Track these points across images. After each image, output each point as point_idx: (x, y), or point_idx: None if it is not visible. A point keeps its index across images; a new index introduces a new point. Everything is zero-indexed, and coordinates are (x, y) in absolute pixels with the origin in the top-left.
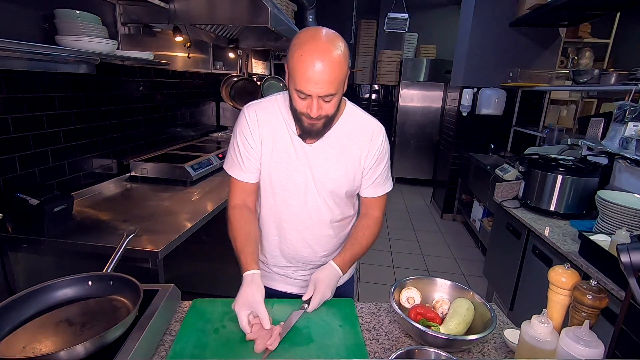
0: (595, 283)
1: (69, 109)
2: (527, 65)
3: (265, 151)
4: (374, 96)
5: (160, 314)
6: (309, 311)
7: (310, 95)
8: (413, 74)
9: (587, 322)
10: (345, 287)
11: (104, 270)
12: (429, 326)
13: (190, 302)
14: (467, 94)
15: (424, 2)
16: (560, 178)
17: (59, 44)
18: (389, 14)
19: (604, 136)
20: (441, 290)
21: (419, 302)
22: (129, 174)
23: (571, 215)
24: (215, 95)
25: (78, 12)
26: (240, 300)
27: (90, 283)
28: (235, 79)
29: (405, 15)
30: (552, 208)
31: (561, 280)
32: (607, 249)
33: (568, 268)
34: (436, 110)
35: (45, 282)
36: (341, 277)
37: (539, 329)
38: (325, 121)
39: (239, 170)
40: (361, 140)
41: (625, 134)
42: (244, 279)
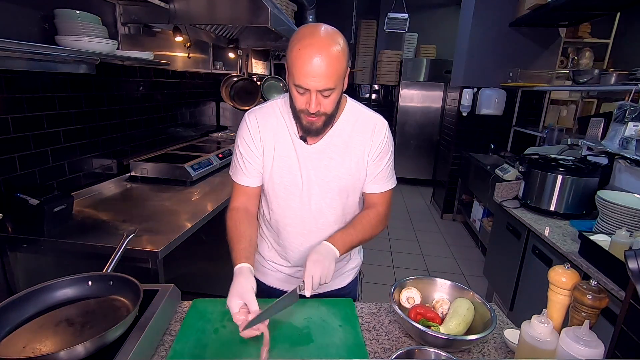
0: (595, 283)
1: (69, 109)
2: (527, 65)
3: (267, 155)
4: (374, 96)
5: (160, 314)
6: (307, 293)
7: (308, 90)
8: (413, 74)
9: (587, 322)
10: (349, 289)
11: (104, 270)
12: (429, 326)
13: (190, 302)
14: (467, 94)
15: (424, 2)
16: (560, 178)
17: (59, 44)
18: (389, 14)
19: (604, 136)
20: (441, 290)
21: (419, 302)
22: (129, 174)
23: (571, 215)
24: (215, 95)
25: (78, 12)
26: (230, 293)
27: (90, 283)
28: (235, 79)
29: (405, 15)
30: (552, 208)
31: (561, 280)
32: (607, 249)
33: (568, 268)
34: (436, 110)
35: (45, 282)
36: (341, 269)
37: (539, 329)
38: (325, 119)
39: (240, 175)
40: (364, 136)
41: (625, 134)
42: (234, 274)
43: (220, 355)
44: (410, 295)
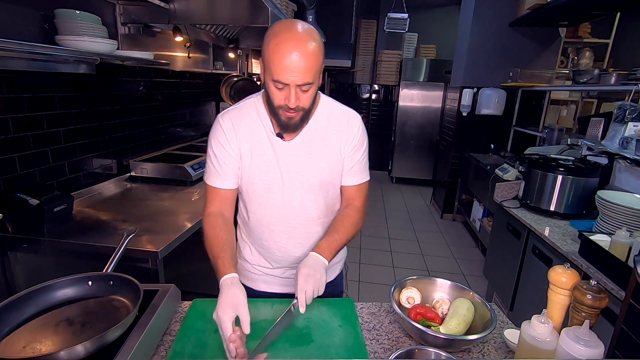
0: (595, 283)
1: (69, 109)
2: (527, 65)
3: (245, 156)
4: (374, 96)
5: (160, 314)
6: (301, 309)
7: (287, 85)
8: (413, 74)
9: (587, 322)
10: (336, 283)
11: (104, 270)
12: (429, 326)
13: (190, 302)
14: (467, 94)
15: (424, 2)
16: (560, 178)
17: (59, 44)
18: (389, 14)
19: (604, 136)
20: (441, 290)
21: (419, 302)
22: (129, 174)
23: (571, 215)
24: (215, 95)
25: (78, 12)
26: (223, 303)
27: (90, 283)
28: (235, 79)
29: (405, 15)
30: (552, 208)
31: (561, 280)
32: (607, 249)
33: (568, 268)
34: (436, 110)
35: (45, 282)
36: (328, 267)
37: (539, 329)
38: (302, 114)
39: (216, 178)
40: (339, 130)
41: (625, 134)
42: (223, 283)
43: (220, 355)
44: (410, 295)
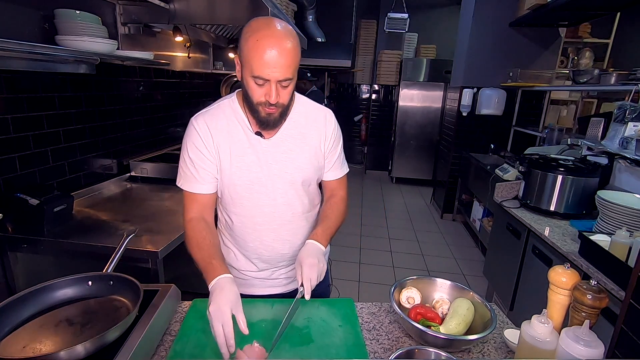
0: (595, 283)
1: (69, 109)
2: (527, 65)
3: (224, 159)
4: (374, 96)
5: (160, 314)
6: (307, 296)
7: (268, 81)
8: (413, 74)
9: (587, 322)
10: (321, 290)
11: (104, 270)
12: (429, 326)
13: (190, 302)
14: (467, 94)
15: (424, 2)
16: (560, 178)
17: (59, 44)
18: (389, 14)
19: (604, 136)
20: (441, 290)
21: (419, 302)
22: (129, 174)
23: (571, 215)
24: (215, 95)
25: (78, 12)
26: (224, 298)
27: (90, 283)
28: (235, 79)
29: (405, 15)
30: (552, 208)
31: (561, 280)
32: (607, 249)
33: (568, 268)
34: (436, 110)
35: (45, 282)
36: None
37: (539, 329)
38: (281, 110)
39: (194, 183)
40: (317, 127)
41: (625, 134)
42: (217, 284)
43: (220, 355)
44: (410, 295)
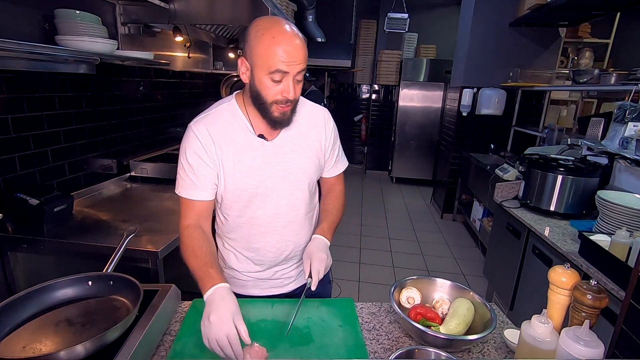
0: (595, 283)
1: (69, 109)
2: (527, 65)
3: (227, 164)
4: (374, 96)
5: (160, 314)
6: (314, 283)
7: (287, 74)
8: (413, 74)
9: (587, 322)
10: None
11: (104, 270)
12: (429, 326)
13: (190, 302)
14: (467, 94)
15: (424, 2)
16: (560, 178)
17: (59, 44)
18: (389, 14)
19: (604, 136)
20: (441, 290)
21: (419, 302)
22: (129, 174)
23: (571, 215)
24: (215, 95)
25: (78, 12)
26: (223, 311)
27: (90, 283)
28: (235, 79)
29: (405, 15)
30: (552, 208)
31: (561, 280)
32: (607, 249)
33: (568, 268)
34: (436, 110)
35: (45, 282)
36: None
37: (539, 329)
38: (292, 106)
39: (193, 190)
40: (317, 126)
41: (625, 134)
42: (216, 293)
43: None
44: (410, 295)
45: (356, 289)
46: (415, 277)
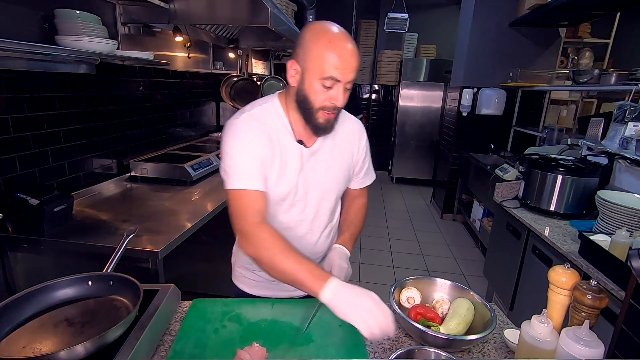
0: (595, 283)
1: (69, 109)
2: (527, 65)
3: (267, 163)
4: (374, 96)
5: (160, 314)
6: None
7: (339, 82)
8: (413, 74)
9: (587, 322)
10: None
11: (104, 270)
12: (429, 326)
13: (190, 302)
14: (467, 94)
15: (424, 2)
16: (560, 178)
17: (59, 44)
18: (389, 14)
19: (604, 136)
20: (441, 290)
21: (419, 302)
22: (129, 174)
23: (571, 215)
24: (215, 95)
25: (78, 12)
26: (374, 296)
27: (90, 283)
28: (235, 79)
29: (405, 15)
30: (552, 208)
31: (561, 280)
32: (607, 249)
33: (568, 268)
34: (436, 110)
35: (45, 282)
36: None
37: (539, 329)
38: (337, 114)
39: (254, 181)
40: (351, 138)
41: (625, 134)
42: (341, 285)
43: (220, 355)
44: (410, 295)
45: None
46: (415, 277)
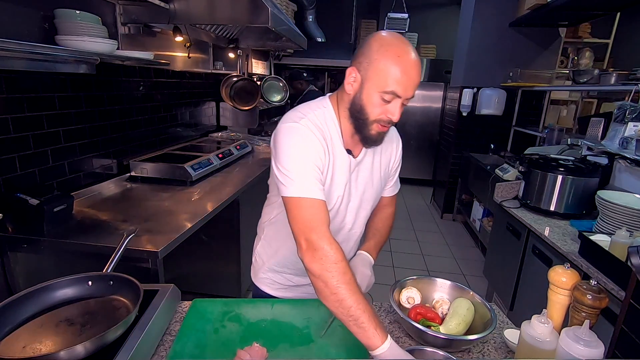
0: (595, 283)
1: (69, 109)
2: (527, 65)
3: (327, 173)
4: None
5: (160, 314)
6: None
7: (399, 98)
8: None
9: (587, 322)
10: None
11: (104, 270)
12: (429, 326)
13: (190, 302)
14: (467, 94)
15: (424, 2)
16: (560, 178)
17: (59, 44)
18: (389, 14)
19: (604, 136)
20: (441, 290)
21: (419, 302)
22: (129, 174)
23: (571, 215)
24: (215, 95)
25: (78, 12)
26: None
27: (90, 283)
28: (235, 79)
29: (405, 15)
30: (552, 208)
31: (561, 280)
32: (607, 249)
33: (568, 268)
34: (436, 110)
35: (45, 282)
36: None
37: (539, 329)
38: (389, 128)
39: (319, 190)
40: (390, 148)
41: (625, 134)
42: (394, 348)
43: (220, 355)
44: (410, 295)
45: None
46: (415, 277)
